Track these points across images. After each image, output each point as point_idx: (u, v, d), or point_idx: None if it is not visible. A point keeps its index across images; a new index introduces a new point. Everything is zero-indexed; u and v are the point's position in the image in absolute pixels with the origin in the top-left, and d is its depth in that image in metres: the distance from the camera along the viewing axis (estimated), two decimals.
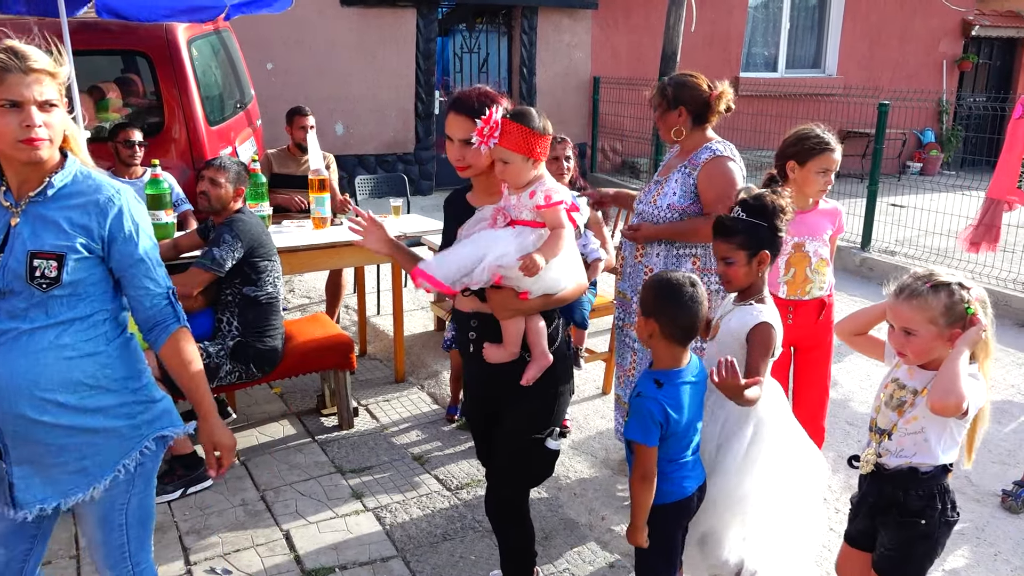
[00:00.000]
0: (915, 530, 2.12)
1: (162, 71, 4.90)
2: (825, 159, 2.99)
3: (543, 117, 2.20)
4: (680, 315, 2.19)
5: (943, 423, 2.06)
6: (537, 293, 2.22)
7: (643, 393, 2.22)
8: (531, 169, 2.18)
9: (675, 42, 8.50)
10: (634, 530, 2.28)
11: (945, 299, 2.01)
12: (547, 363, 2.30)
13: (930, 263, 6.60)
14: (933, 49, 12.12)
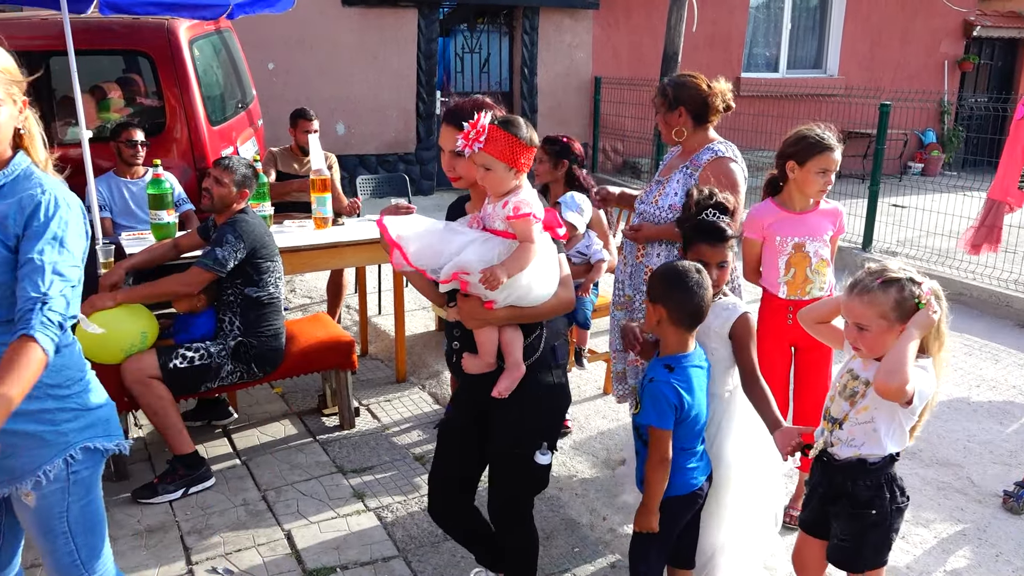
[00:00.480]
0: (866, 520, 2.16)
1: (164, 71, 4.90)
2: (824, 159, 2.98)
3: (530, 128, 2.18)
4: (687, 301, 2.24)
5: (892, 414, 2.10)
6: (502, 304, 2.18)
7: (656, 378, 2.26)
8: (512, 179, 2.15)
9: (676, 42, 8.50)
10: (648, 514, 2.31)
11: (895, 295, 2.03)
12: (519, 375, 2.26)
13: (931, 264, 6.61)
14: (934, 50, 12.12)
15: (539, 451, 2.32)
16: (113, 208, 4.74)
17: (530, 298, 2.20)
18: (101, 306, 3.28)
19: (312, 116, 5.29)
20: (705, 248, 2.48)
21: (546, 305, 2.24)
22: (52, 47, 4.74)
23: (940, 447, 3.93)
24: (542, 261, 2.18)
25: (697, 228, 2.50)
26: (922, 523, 3.30)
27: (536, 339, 2.31)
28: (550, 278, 2.22)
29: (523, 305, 2.20)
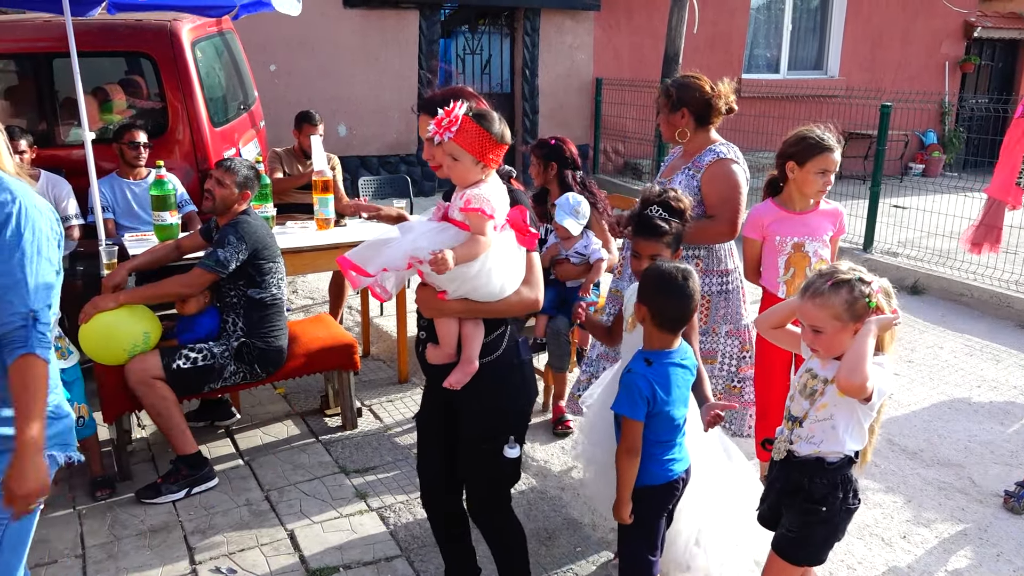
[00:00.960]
0: (816, 515, 2.20)
1: (166, 73, 4.91)
2: (823, 159, 2.99)
3: (503, 124, 2.18)
4: (669, 306, 2.31)
5: (850, 411, 2.13)
6: (454, 295, 2.20)
7: (633, 370, 2.33)
8: (479, 172, 2.17)
9: (677, 44, 8.51)
10: (620, 504, 2.36)
11: (846, 295, 2.06)
12: (471, 370, 2.26)
13: (933, 265, 6.61)
14: (935, 51, 12.12)
15: (507, 445, 2.35)
16: (116, 209, 4.75)
17: (483, 292, 2.20)
18: (104, 307, 3.29)
19: (317, 120, 5.30)
20: (640, 240, 2.59)
21: (504, 303, 2.25)
22: (55, 49, 4.76)
23: (941, 447, 3.94)
24: (499, 257, 2.18)
25: (636, 220, 2.61)
26: (923, 523, 3.31)
27: (499, 337, 2.33)
28: (508, 275, 2.22)
29: (477, 299, 2.21)
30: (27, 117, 5.07)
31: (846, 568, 3.02)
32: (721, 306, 3.27)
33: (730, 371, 3.36)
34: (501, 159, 2.21)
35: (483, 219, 2.12)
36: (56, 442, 1.95)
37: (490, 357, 2.31)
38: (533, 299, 2.30)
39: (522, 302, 2.28)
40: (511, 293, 2.24)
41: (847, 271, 2.10)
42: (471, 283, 2.18)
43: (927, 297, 6.33)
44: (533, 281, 2.30)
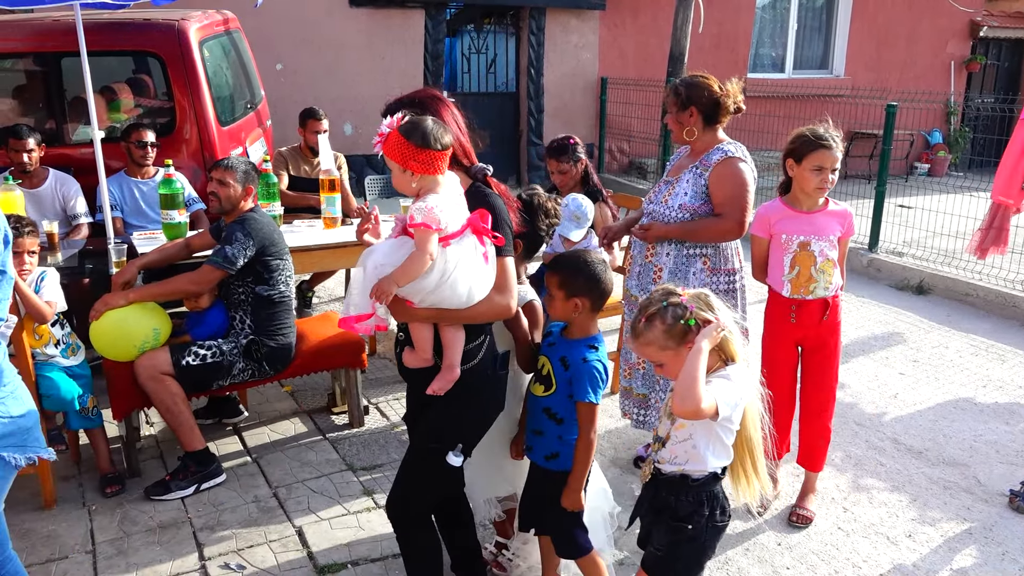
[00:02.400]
0: (683, 534, 2.17)
1: (174, 72, 4.94)
2: (819, 156, 3.00)
3: (436, 131, 2.12)
4: (606, 288, 2.39)
5: (708, 428, 2.08)
6: (422, 304, 2.19)
7: (588, 358, 2.37)
8: (411, 180, 2.14)
9: (682, 43, 8.51)
10: (575, 492, 2.40)
11: (660, 327, 2.05)
12: (451, 377, 2.26)
13: (938, 264, 6.61)
14: (941, 50, 12.10)
15: (452, 452, 2.34)
16: (124, 208, 4.78)
17: (451, 302, 2.18)
18: (114, 304, 3.32)
19: (322, 115, 5.32)
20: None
21: (475, 309, 2.22)
22: (63, 48, 4.79)
23: (947, 447, 3.95)
24: (460, 265, 2.14)
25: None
26: (928, 522, 3.32)
27: (477, 346, 2.31)
28: (475, 282, 2.18)
29: (445, 307, 2.19)
30: (36, 116, 5.10)
31: (851, 566, 3.03)
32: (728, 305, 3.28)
33: None
34: (437, 165, 2.13)
35: (426, 233, 2.07)
36: (8, 443, 1.93)
37: (468, 365, 2.30)
38: (504, 305, 2.27)
39: (492, 308, 2.25)
40: (481, 299, 2.21)
41: (657, 300, 2.08)
42: (436, 295, 2.16)
43: (932, 297, 6.33)
44: (504, 287, 2.26)
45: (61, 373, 3.34)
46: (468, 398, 2.34)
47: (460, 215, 2.16)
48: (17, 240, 3.21)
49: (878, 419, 4.24)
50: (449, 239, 2.12)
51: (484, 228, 2.18)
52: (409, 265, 2.09)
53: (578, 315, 2.39)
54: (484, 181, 2.36)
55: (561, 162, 4.06)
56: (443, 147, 2.13)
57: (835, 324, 3.18)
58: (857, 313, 5.87)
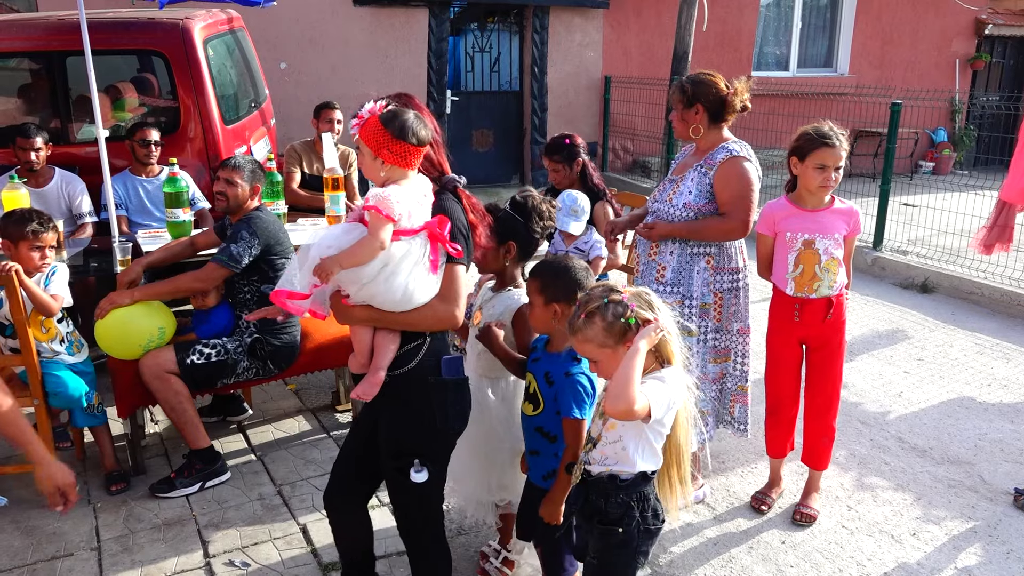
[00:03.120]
0: (614, 538, 2.11)
1: (178, 71, 4.95)
2: (821, 154, 2.99)
3: (417, 126, 2.09)
4: (584, 289, 2.27)
5: (638, 431, 2.04)
6: (355, 299, 2.14)
7: (571, 371, 2.27)
8: (379, 168, 2.10)
9: (687, 41, 8.50)
10: (555, 505, 2.30)
11: (600, 323, 2.00)
12: (376, 380, 2.18)
13: (943, 263, 6.60)
14: (946, 48, 12.07)
15: (412, 468, 2.24)
16: (129, 206, 4.80)
17: (384, 299, 2.12)
18: (119, 303, 3.32)
19: (336, 106, 5.32)
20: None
21: (414, 315, 2.15)
22: (68, 47, 4.80)
23: (951, 445, 3.94)
24: (402, 264, 2.09)
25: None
26: (933, 520, 3.32)
27: (414, 349, 2.23)
28: (415, 285, 2.12)
29: (379, 306, 2.13)
30: (41, 115, 5.12)
31: (856, 565, 3.03)
32: (732, 303, 3.28)
33: (742, 370, 3.38)
34: (409, 159, 2.11)
35: (379, 220, 2.02)
36: None
37: (400, 370, 2.22)
38: (448, 315, 2.19)
39: (435, 316, 2.18)
40: (421, 305, 2.14)
41: (597, 297, 2.03)
42: (369, 288, 2.10)
43: (937, 295, 6.32)
44: (451, 296, 2.18)
45: (67, 371, 3.35)
46: (405, 407, 2.25)
47: (419, 216, 2.12)
48: (41, 236, 3.25)
49: (882, 417, 4.23)
50: (400, 235, 2.07)
51: (441, 235, 2.12)
52: (357, 248, 2.05)
53: (557, 323, 2.29)
54: (454, 192, 2.30)
55: (554, 160, 3.99)
56: (419, 142, 2.11)
57: (839, 323, 3.18)
58: (861, 311, 5.87)
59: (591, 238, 3.81)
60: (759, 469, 3.67)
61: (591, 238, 3.81)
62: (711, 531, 3.23)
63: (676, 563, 3.03)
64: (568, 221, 3.73)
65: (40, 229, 3.26)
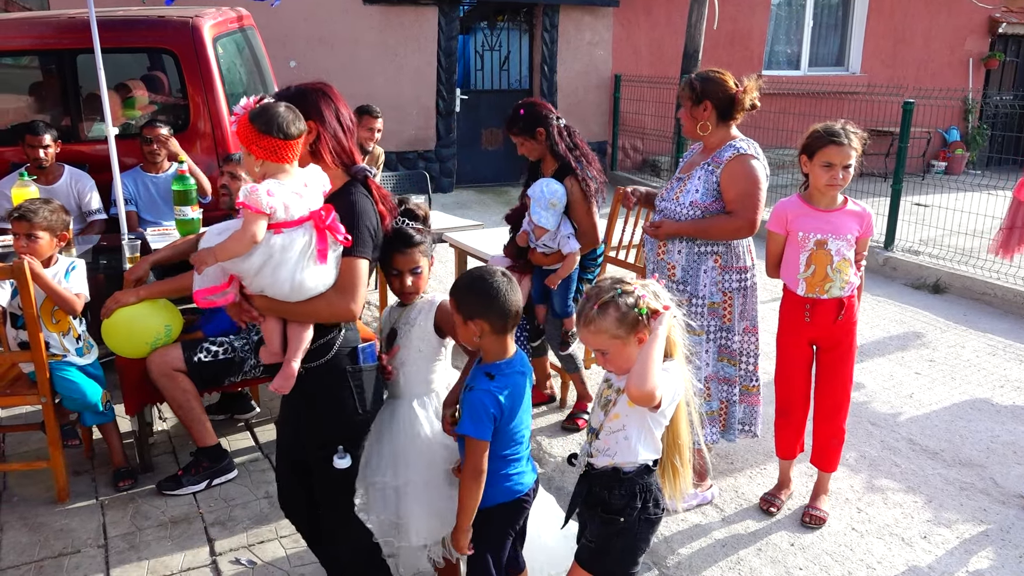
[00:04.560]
0: (615, 526, 2.15)
1: (188, 68, 4.95)
2: (828, 152, 2.97)
3: (290, 119, 2.08)
4: (505, 307, 2.14)
5: (641, 420, 2.07)
6: (255, 290, 2.13)
7: (475, 386, 2.17)
8: (255, 164, 2.11)
9: (697, 40, 8.47)
10: (460, 533, 2.20)
11: (614, 314, 2.02)
12: (289, 373, 2.17)
13: (955, 263, 6.54)
14: (959, 47, 11.98)
15: (336, 455, 2.27)
16: (138, 202, 4.81)
17: (275, 291, 2.11)
18: (125, 301, 3.31)
19: (378, 113, 5.26)
20: (397, 256, 2.38)
21: (309, 306, 2.14)
22: (78, 45, 4.81)
23: (963, 447, 3.90)
24: (287, 255, 2.07)
25: (387, 236, 2.39)
26: (944, 523, 3.28)
27: (330, 340, 2.24)
28: (304, 276, 2.10)
29: (274, 297, 2.13)
30: (51, 112, 5.13)
31: (865, 567, 3.00)
32: (739, 303, 3.26)
33: (748, 370, 3.35)
34: (280, 153, 2.08)
35: (250, 215, 2.02)
36: None
37: (317, 362, 2.24)
38: (344, 307, 2.17)
39: (331, 308, 2.17)
40: (314, 296, 2.13)
41: (609, 288, 2.04)
42: (258, 280, 2.11)
43: (949, 296, 6.26)
44: (347, 288, 2.16)
45: (80, 374, 3.35)
46: (326, 396, 2.27)
47: (299, 207, 2.09)
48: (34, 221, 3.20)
49: (893, 419, 4.19)
50: (281, 227, 2.06)
51: (328, 225, 2.10)
52: (230, 242, 2.05)
53: (481, 340, 2.18)
54: (364, 183, 2.28)
55: (513, 134, 3.79)
56: (286, 136, 2.07)
57: (850, 324, 3.15)
58: (872, 312, 5.82)
59: (559, 233, 3.63)
60: (768, 470, 3.65)
61: (559, 233, 3.63)
62: (719, 532, 3.21)
63: (684, 564, 3.00)
64: (541, 214, 3.57)
65: (30, 213, 3.20)
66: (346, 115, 2.30)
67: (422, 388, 2.49)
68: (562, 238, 3.65)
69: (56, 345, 3.32)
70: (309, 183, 2.15)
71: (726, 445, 3.74)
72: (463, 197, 9.42)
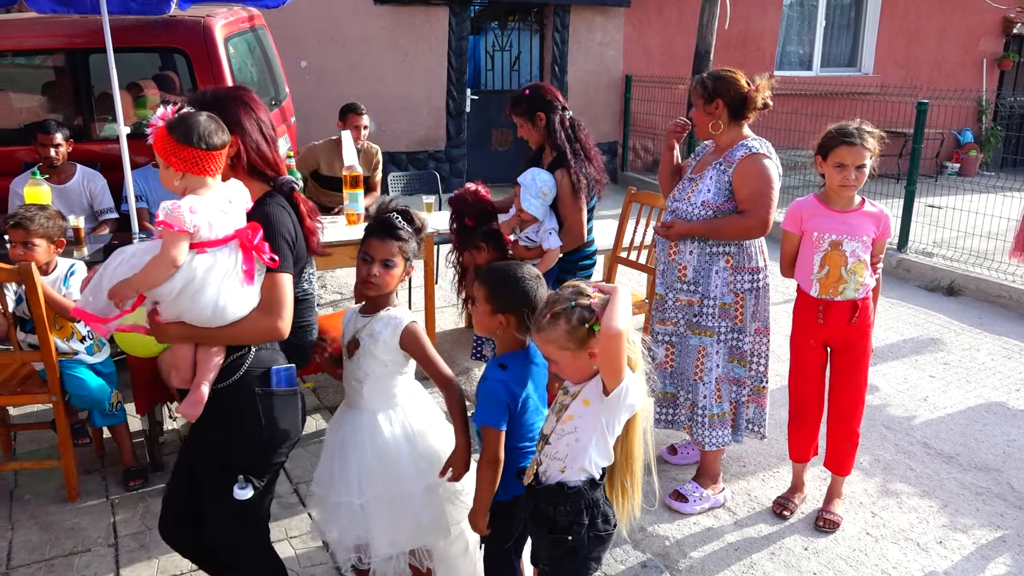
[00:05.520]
0: (563, 546, 2.08)
1: (199, 68, 4.96)
2: (840, 152, 2.94)
3: (211, 130, 1.97)
4: (536, 305, 2.14)
5: (595, 421, 1.99)
6: (166, 317, 2.00)
7: (488, 377, 2.20)
8: (174, 176, 1.97)
9: (708, 40, 8.43)
10: (477, 516, 2.23)
11: (564, 326, 1.95)
12: (198, 398, 2.04)
13: (969, 265, 6.48)
14: (973, 47, 11.89)
15: (236, 485, 2.11)
16: (149, 198, 4.81)
17: (194, 317, 1.98)
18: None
19: (363, 111, 5.29)
20: (374, 241, 2.33)
21: (233, 329, 2.02)
22: (91, 44, 4.83)
23: (979, 451, 3.86)
24: (209, 278, 1.95)
25: (373, 221, 2.38)
26: (960, 529, 3.24)
27: (239, 359, 2.10)
28: (227, 299, 1.98)
29: (193, 322, 1.99)
30: (64, 111, 5.15)
31: (880, 573, 2.97)
32: (751, 304, 3.23)
33: (759, 371, 3.33)
34: (202, 165, 1.96)
35: (171, 235, 1.89)
36: None
37: (224, 383, 2.08)
38: (269, 326, 2.05)
39: (255, 329, 2.04)
40: (238, 319, 2.01)
41: (566, 299, 1.97)
42: (176, 305, 1.97)
43: (963, 298, 6.21)
44: (272, 307, 2.05)
45: (89, 372, 3.35)
46: (229, 419, 2.11)
47: (224, 224, 1.97)
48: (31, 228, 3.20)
49: (907, 422, 4.15)
50: (205, 247, 1.94)
51: (256, 245, 1.99)
52: (150, 268, 1.92)
53: (502, 331, 2.22)
54: (290, 196, 2.19)
55: (515, 114, 3.70)
56: (208, 147, 1.95)
57: (865, 326, 3.12)
58: (886, 314, 5.77)
59: (541, 227, 3.59)
60: (781, 474, 3.62)
61: (541, 227, 3.59)
62: (731, 536, 3.18)
63: (696, 568, 2.98)
64: (531, 201, 3.53)
65: (26, 220, 3.18)
66: (267, 122, 2.17)
67: (386, 402, 2.42)
68: (544, 232, 3.59)
69: (64, 348, 3.32)
70: (233, 199, 2.03)
71: (738, 448, 3.71)
72: None
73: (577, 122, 3.74)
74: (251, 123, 2.14)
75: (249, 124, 2.13)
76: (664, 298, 3.33)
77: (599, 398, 1.96)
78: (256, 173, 2.15)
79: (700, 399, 3.28)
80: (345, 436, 2.40)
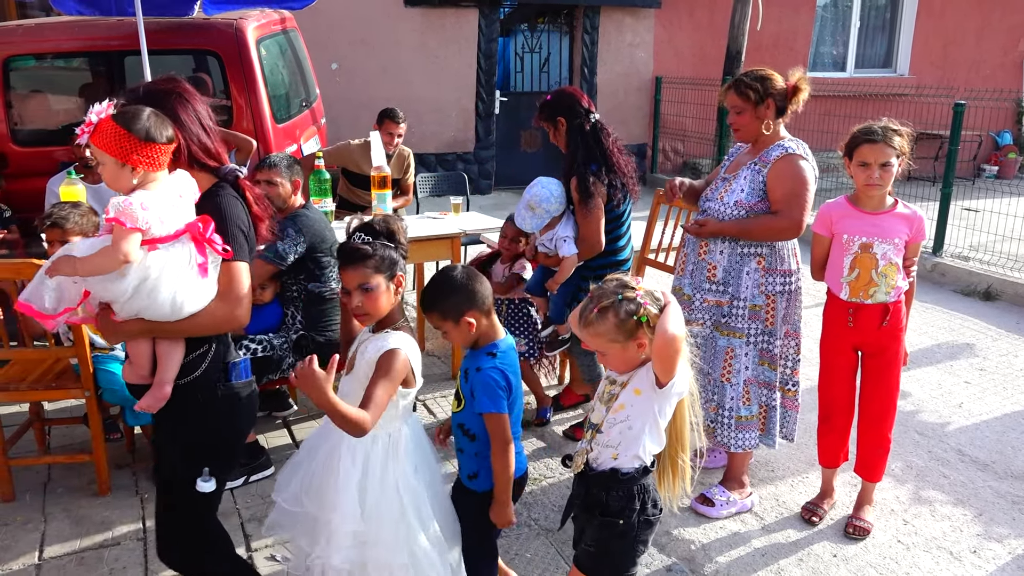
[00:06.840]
0: (614, 529, 2.15)
1: (232, 70, 5.03)
2: (862, 151, 2.88)
3: (162, 123, 1.95)
4: (482, 288, 2.25)
5: (647, 409, 2.05)
6: (122, 314, 1.98)
7: (482, 366, 2.25)
8: (129, 176, 1.93)
9: (740, 41, 8.36)
10: (503, 508, 2.28)
11: (612, 319, 2.00)
12: (161, 394, 2.05)
13: (1006, 269, 6.34)
14: (1012, 47, 11.64)
15: (200, 478, 2.13)
16: None
17: (153, 313, 1.96)
18: None
19: (400, 119, 5.30)
20: (344, 271, 2.22)
21: (191, 322, 2.00)
22: (126, 47, 4.91)
23: (1015, 459, 3.77)
24: (166, 273, 1.93)
25: (338, 253, 2.29)
26: (995, 538, 3.17)
27: (200, 356, 2.09)
28: (183, 293, 1.96)
29: (152, 318, 1.97)
30: None
31: None
32: (782, 307, 3.19)
33: (785, 374, 3.28)
34: (160, 160, 1.95)
35: (122, 232, 1.86)
36: None
37: (186, 379, 2.08)
38: (228, 315, 2.05)
39: (214, 319, 2.03)
40: (196, 311, 2.00)
41: (611, 292, 2.03)
42: (133, 303, 1.95)
43: (1000, 303, 6.07)
44: (231, 296, 2.04)
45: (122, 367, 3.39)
46: (192, 415, 2.12)
47: (178, 219, 1.96)
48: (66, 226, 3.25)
49: (941, 429, 4.07)
50: (157, 243, 1.92)
51: (206, 237, 1.97)
52: (98, 257, 1.89)
53: (477, 330, 2.26)
54: (235, 184, 2.14)
55: (540, 120, 3.66)
56: (168, 140, 1.96)
57: (896, 330, 3.06)
58: (920, 319, 5.67)
59: (555, 234, 3.55)
60: (810, 479, 3.56)
61: (555, 234, 3.55)
62: (759, 541, 3.14)
63: (722, 573, 2.94)
64: (521, 212, 3.50)
65: (61, 220, 3.22)
66: (204, 113, 2.12)
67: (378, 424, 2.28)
68: (558, 240, 3.58)
69: (100, 343, 3.37)
70: (183, 192, 2.01)
71: (766, 452, 3.66)
72: (501, 199, 9.41)
73: (603, 126, 3.66)
74: (189, 116, 2.09)
75: (187, 117, 2.08)
76: (692, 299, 3.30)
77: (652, 388, 2.03)
78: (198, 165, 2.11)
79: (727, 400, 3.24)
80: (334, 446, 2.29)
